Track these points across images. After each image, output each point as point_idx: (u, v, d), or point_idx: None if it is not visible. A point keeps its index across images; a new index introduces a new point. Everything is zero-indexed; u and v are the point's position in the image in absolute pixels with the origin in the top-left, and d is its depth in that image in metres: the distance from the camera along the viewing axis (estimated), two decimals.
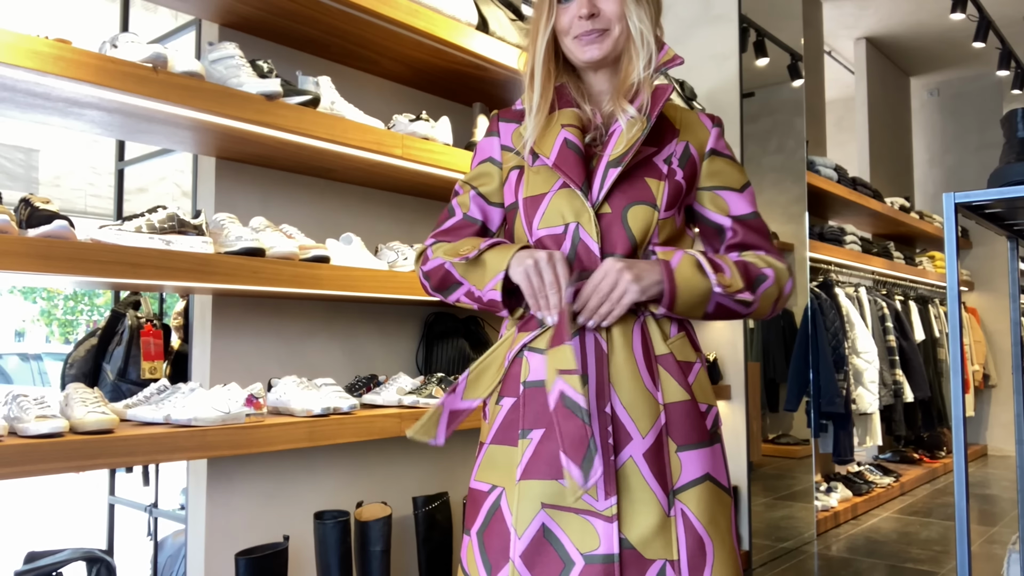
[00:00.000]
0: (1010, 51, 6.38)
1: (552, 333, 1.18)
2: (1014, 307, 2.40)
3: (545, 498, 1.17)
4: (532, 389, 1.22)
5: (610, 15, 1.26)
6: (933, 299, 6.23)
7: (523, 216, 1.29)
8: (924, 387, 5.33)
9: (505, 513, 1.20)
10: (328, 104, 2.13)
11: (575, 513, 1.15)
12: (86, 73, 1.57)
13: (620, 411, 1.19)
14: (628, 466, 1.17)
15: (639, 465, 1.18)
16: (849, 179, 5.04)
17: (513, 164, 1.34)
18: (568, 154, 1.25)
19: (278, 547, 2.02)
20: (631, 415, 1.19)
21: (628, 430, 1.19)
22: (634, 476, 1.17)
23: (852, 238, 5.00)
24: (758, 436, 3.97)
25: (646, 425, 1.19)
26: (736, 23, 3.64)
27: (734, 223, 1.31)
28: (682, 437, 1.21)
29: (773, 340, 4.44)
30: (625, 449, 1.18)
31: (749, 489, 3.51)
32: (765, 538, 3.79)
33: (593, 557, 1.13)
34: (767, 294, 1.27)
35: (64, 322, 16.94)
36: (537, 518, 1.16)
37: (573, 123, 1.28)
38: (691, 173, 1.31)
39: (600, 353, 1.19)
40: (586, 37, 1.27)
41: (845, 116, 7.87)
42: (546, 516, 1.16)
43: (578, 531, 1.15)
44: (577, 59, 1.30)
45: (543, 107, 1.29)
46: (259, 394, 1.94)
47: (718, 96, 3.68)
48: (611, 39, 1.27)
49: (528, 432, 1.21)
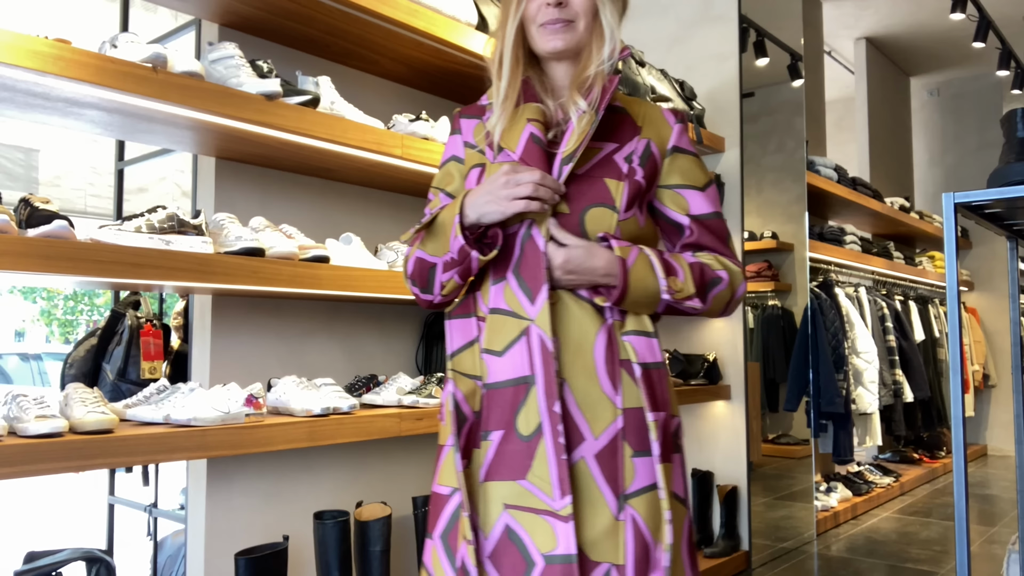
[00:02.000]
0: (1010, 51, 6.38)
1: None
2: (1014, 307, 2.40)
3: (508, 499, 1.17)
4: (491, 391, 1.22)
5: (577, 8, 1.27)
6: (933, 299, 6.23)
7: None
8: (924, 387, 5.33)
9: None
10: (328, 104, 2.13)
11: (535, 513, 1.15)
12: (86, 73, 1.57)
13: (574, 411, 1.19)
14: (580, 466, 1.18)
15: (590, 466, 1.18)
16: (849, 179, 5.04)
17: (475, 161, 1.33)
18: (533, 149, 1.25)
19: (278, 547, 2.02)
20: (585, 416, 1.19)
21: (581, 430, 1.19)
22: (585, 477, 1.18)
23: (852, 238, 5.00)
24: (758, 436, 3.97)
25: (600, 427, 1.19)
26: (736, 23, 3.64)
27: (692, 222, 1.31)
28: (639, 443, 1.20)
29: (773, 340, 4.44)
30: (577, 449, 1.18)
31: (749, 489, 3.51)
32: (765, 538, 3.79)
33: (552, 557, 1.13)
34: (719, 297, 1.28)
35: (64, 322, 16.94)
36: (501, 519, 1.17)
37: (538, 118, 1.27)
38: (652, 171, 1.30)
39: (546, 353, 1.18)
40: (551, 26, 1.26)
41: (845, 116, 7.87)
42: (509, 517, 1.16)
43: (539, 532, 1.15)
44: (541, 48, 1.29)
45: (511, 96, 1.29)
46: (259, 394, 1.94)
47: (718, 96, 3.68)
48: (576, 31, 1.27)
49: (489, 434, 1.21)
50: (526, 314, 1.20)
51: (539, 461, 1.16)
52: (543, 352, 1.18)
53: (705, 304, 1.27)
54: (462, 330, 1.28)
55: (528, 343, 1.19)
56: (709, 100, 3.66)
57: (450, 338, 1.29)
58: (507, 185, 1.18)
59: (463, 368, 1.26)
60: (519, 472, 1.17)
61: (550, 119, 1.30)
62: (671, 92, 3.43)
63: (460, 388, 1.25)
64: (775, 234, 4.31)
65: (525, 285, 1.21)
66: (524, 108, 1.28)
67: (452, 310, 1.31)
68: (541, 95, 1.31)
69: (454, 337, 1.29)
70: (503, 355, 1.21)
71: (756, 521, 3.61)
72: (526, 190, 1.18)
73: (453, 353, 1.28)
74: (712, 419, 3.61)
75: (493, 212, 1.20)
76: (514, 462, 1.17)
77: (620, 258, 1.20)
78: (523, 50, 1.31)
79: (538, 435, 1.17)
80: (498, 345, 1.22)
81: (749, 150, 3.76)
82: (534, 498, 1.16)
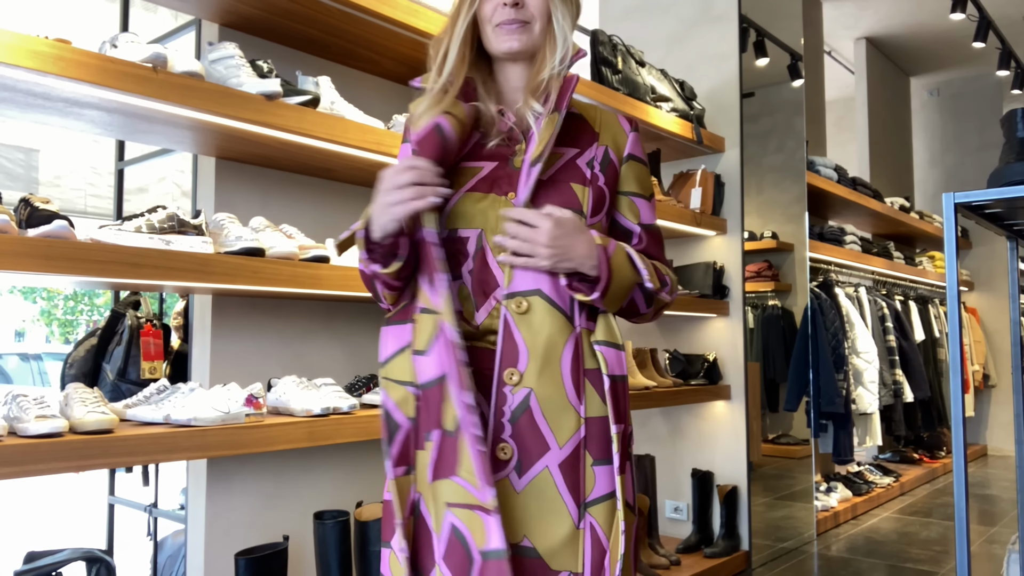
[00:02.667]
0: (1010, 51, 6.38)
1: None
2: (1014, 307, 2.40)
3: (448, 497, 1.16)
4: (423, 392, 1.20)
5: (533, 9, 1.26)
6: (933, 299, 6.23)
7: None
8: (924, 387, 5.33)
9: (426, 516, 1.20)
10: (328, 104, 2.13)
11: (470, 509, 1.14)
12: (86, 73, 1.57)
13: (540, 420, 1.18)
14: (543, 476, 1.18)
15: (554, 476, 1.18)
16: (849, 179, 5.04)
17: None
18: (432, 139, 1.21)
19: (278, 547, 2.02)
20: (550, 425, 1.19)
21: (546, 439, 1.18)
22: (549, 487, 1.18)
23: (852, 238, 5.00)
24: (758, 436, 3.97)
25: (564, 436, 1.19)
26: (736, 23, 3.64)
27: (642, 230, 1.33)
28: (599, 452, 1.21)
29: (773, 340, 4.44)
30: (542, 459, 1.18)
31: (749, 489, 3.51)
32: (765, 538, 3.79)
33: (487, 553, 1.12)
34: (660, 303, 1.32)
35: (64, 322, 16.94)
36: (447, 519, 1.16)
37: (458, 115, 1.23)
38: (612, 178, 1.31)
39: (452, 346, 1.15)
40: (507, 27, 1.25)
41: (845, 116, 7.88)
42: (453, 516, 1.15)
43: (476, 527, 1.14)
44: (496, 49, 1.28)
45: (449, 91, 1.25)
46: (259, 394, 1.94)
47: (718, 96, 3.68)
48: (531, 33, 1.26)
49: (429, 435, 1.19)
50: (434, 307, 1.18)
51: (463, 456, 1.14)
52: (449, 345, 1.15)
53: (668, 301, 1.31)
54: (397, 336, 1.25)
55: (441, 339, 1.16)
56: (709, 100, 3.67)
57: (383, 345, 1.26)
58: (389, 191, 1.15)
59: (394, 375, 1.23)
60: (452, 469, 1.15)
61: (488, 123, 1.28)
62: (671, 92, 3.43)
63: (391, 396, 1.23)
64: (775, 234, 4.31)
65: (430, 280, 1.19)
66: (451, 104, 1.24)
67: (391, 316, 1.28)
68: (482, 96, 1.29)
69: (388, 344, 1.26)
70: (426, 354, 1.19)
71: (756, 521, 3.61)
72: (408, 193, 1.14)
73: (385, 361, 1.25)
74: (712, 419, 3.61)
75: (388, 223, 1.16)
76: (448, 460, 1.16)
77: (601, 246, 1.20)
78: (470, 49, 1.28)
79: (459, 430, 1.14)
80: (422, 344, 1.20)
81: (749, 150, 3.76)
82: (467, 494, 1.14)
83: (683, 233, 3.57)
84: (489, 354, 1.21)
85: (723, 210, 3.62)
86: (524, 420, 1.18)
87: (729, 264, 3.61)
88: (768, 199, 4.29)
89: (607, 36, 3.14)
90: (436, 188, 1.16)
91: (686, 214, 3.36)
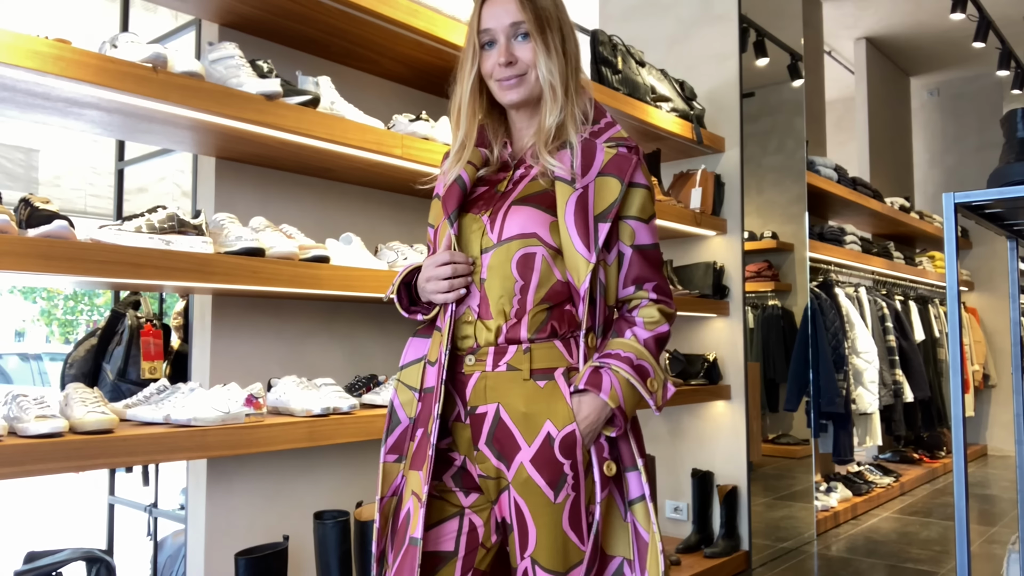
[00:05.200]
0: (1010, 51, 6.38)
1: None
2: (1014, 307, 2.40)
3: (413, 487, 1.34)
4: (423, 395, 1.41)
5: (527, 62, 1.38)
6: (933, 299, 6.23)
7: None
8: (924, 387, 5.33)
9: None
10: (328, 104, 2.13)
11: (416, 499, 1.32)
12: (86, 73, 1.57)
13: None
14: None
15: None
16: (849, 179, 5.04)
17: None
18: (453, 190, 1.41)
19: (278, 547, 2.02)
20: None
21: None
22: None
23: (852, 238, 5.00)
24: (758, 436, 3.97)
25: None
26: (736, 23, 3.64)
27: (633, 252, 1.38)
28: (628, 460, 1.37)
29: (773, 340, 4.44)
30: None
31: (749, 489, 3.51)
32: (765, 538, 3.79)
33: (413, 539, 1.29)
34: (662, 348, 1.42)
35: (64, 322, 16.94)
36: (408, 502, 1.35)
37: (472, 161, 1.43)
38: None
39: (439, 367, 1.34)
40: (506, 82, 1.39)
41: (845, 116, 7.87)
42: (411, 501, 1.34)
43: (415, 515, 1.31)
44: (501, 101, 1.43)
45: (467, 144, 1.44)
46: (259, 394, 1.94)
47: (718, 96, 3.68)
48: (528, 84, 1.39)
49: (416, 432, 1.40)
50: (439, 327, 1.39)
51: (423, 454, 1.34)
52: (438, 366, 1.35)
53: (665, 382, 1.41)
54: (417, 348, 1.46)
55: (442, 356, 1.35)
56: (709, 100, 3.67)
57: (405, 353, 1.46)
58: (430, 279, 1.36)
59: (407, 380, 1.44)
60: (419, 463, 1.34)
61: (491, 161, 1.46)
62: (671, 92, 3.43)
63: (399, 396, 1.44)
64: (775, 234, 4.31)
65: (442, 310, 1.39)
66: (470, 154, 1.44)
67: (419, 329, 1.47)
68: (490, 139, 1.47)
69: (408, 352, 1.46)
70: (434, 365, 1.37)
71: (756, 521, 3.61)
72: (444, 285, 1.35)
73: (403, 366, 1.45)
74: (712, 419, 3.61)
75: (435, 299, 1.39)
76: (418, 454, 1.35)
77: (618, 407, 1.30)
78: (479, 100, 1.45)
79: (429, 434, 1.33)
80: (433, 357, 1.39)
81: (749, 150, 3.76)
82: (419, 485, 1.31)
83: (683, 233, 3.57)
84: (461, 359, 1.39)
85: (723, 210, 3.62)
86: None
87: (729, 264, 3.61)
88: (768, 199, 4.29)
89: (607, 36, 3.14)
90: (466, 279, 1.36)
91: (686, 214, 3.36)
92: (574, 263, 1.31)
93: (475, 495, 1.37)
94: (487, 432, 1.32)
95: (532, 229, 1.33)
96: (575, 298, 1.33)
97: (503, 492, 1.33)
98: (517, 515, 1.30)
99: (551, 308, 1.33)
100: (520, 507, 1.29)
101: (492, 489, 1.35)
